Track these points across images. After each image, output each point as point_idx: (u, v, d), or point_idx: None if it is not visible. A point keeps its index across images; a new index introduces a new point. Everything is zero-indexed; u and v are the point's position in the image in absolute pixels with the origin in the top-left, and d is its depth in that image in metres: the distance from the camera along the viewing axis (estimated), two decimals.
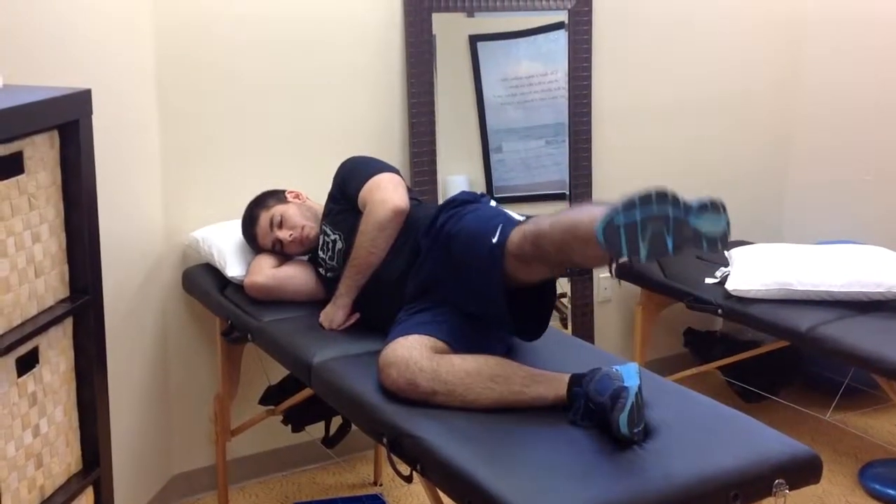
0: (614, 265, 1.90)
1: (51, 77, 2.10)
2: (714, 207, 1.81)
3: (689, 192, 4.13)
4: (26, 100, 1.72)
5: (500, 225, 2.14)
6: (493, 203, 2.42)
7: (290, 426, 3.01)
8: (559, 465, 1.83)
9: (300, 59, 3.08)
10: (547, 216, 2.06)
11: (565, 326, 3.65)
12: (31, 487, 1.80)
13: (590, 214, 1.88)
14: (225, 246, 2.82)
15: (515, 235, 2.08)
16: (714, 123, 3.96)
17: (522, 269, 2.10)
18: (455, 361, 2.07)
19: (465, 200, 2.41)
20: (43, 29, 2.26)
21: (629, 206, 1.74)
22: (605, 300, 3.81)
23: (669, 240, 1.73)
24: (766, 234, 3.96)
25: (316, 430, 3.06)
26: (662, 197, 1.76)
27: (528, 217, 2.17)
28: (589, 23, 3.54)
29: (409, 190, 2.61)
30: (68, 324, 1.89)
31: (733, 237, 3.84)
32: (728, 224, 1.84)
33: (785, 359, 3.57)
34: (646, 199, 1.75)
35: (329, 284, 2.61)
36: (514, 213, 2.28)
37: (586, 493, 1.73)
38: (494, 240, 2.11)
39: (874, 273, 3.12)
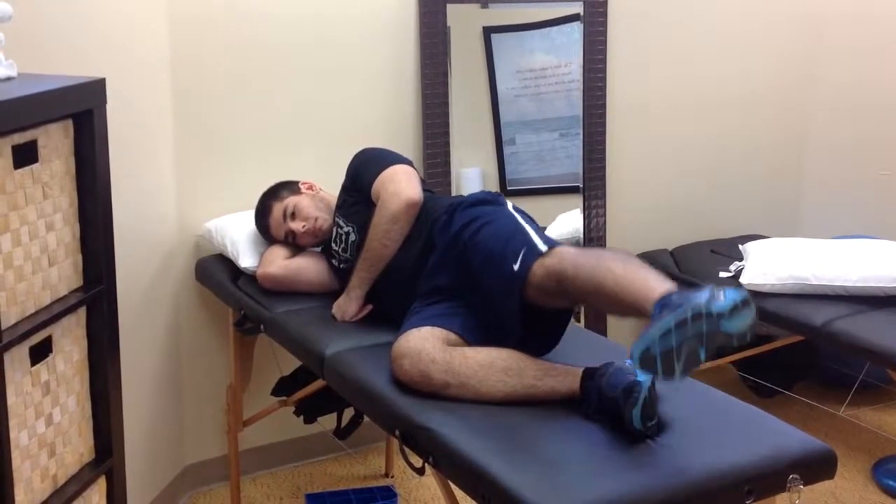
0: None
1: (65, 67, 2.11)
2: (745, 305, 1.76)
3: (706, 190, 4.13)
4: (41, 89, 1.72)
5: (522, 251, 2.10)
6: (510, 205, 2.39)
7: (302, 417, 3.01)
8: (572, 458, 1.82)
9: (315, 51, 3.08)
10: (569, 254, 2.03)
11: (578, 319, 3.64)
12: (44, 476, 1.80)
13: (614, 275, 1.89)
14: (238, 236, 2.82)
15: (538, 269, 2.06)
16: (730, 118, 3.94)
17: (542, 298, 2.09)
18: (468, 354, 2.07)
19: (481, 200, 2.39)
20: (58, 19, 2.26)
21: (665, 333, 1.69)
22: None
23: (702, 352, 1.70)
24: (782, 230, 3.94)
25: (328, 422, 3.06)
26: (698, 316, 1.71)
27: (549, 244, 2.12)
28: (604, 15, 3.52)
29: (423, 182, 2.60)
30: (82, 313, 1.89)
31: (749, 231, 3.88)
32: (756, 315, 1.79)
33: (799, 354, 3.55)
34: (682, 324, 1.70)
35: (342, 276, 2.61)
36: (531, 230, 2.20)
37: (599, 487, 1.72)
38: (516, 267, 2.09)
39: (890, 268, 3.11)
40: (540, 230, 2.25)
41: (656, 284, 1.86)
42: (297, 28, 3.04)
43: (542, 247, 2.11)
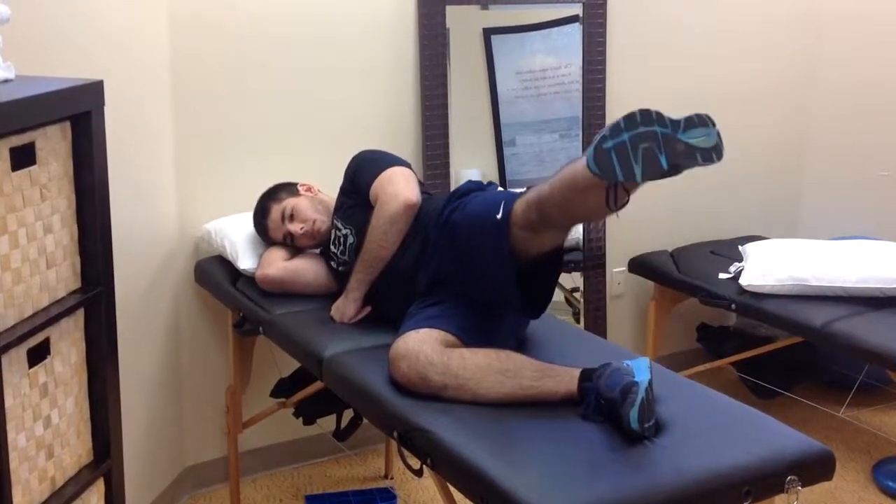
0: (614, 201, 1.90)
1: (65, 68, 2.10)
2: (701, 121, 1.85)
3: (705, 191, 4.13)
4: (39, 91, 1.72)
5: (503, 202, 2.15)
6: (499, 190, 2.42)
7: (301, 419, 3.01)
8: (569, 459, 1.82)
9: (314, 52, 3.08)
10: (545, 181, 2.08)
11: (578, 321, 3.64)
12: (42, 478, 1.80)
13: (583, 162, 1.91)
14: (237, 238, 2.82)
15: (519, 207, 2.11)
16: (730, 119, 3.87)
17: (532, 238, 2.12)
18: (466, 355, 2.07)
19: (469, 189, 2.41)
20: (56, 20, 2.26)
21: (615, 129, 1.77)
22: (618, 295, 3.80)
23: (662, 157, 1.76)
24: (781, 231, 3.95)
25: (327, 423, 3.06)
26: (647, 115, 1.79)
27: (528, 188, 2.17)
28: (604, 16, 3.53)
29: (421, 184, 2.60)
30: (80, 315, 1.89)
31: (749, 232, 3.88)
32: (719, 135, 1.86)
33: (799, 355, 3.55)
34: (631, 120, 1.78)
35: (340, 278, 2.61)
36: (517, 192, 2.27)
37: (596, 487, 1.72)
38: (499, 216, 2.13)
39: (889, 269, 3.11)
40: None
41: None
42: (296, 29, 3.04)
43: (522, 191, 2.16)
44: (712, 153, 1.83)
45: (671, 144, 1.78)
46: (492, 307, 2.26)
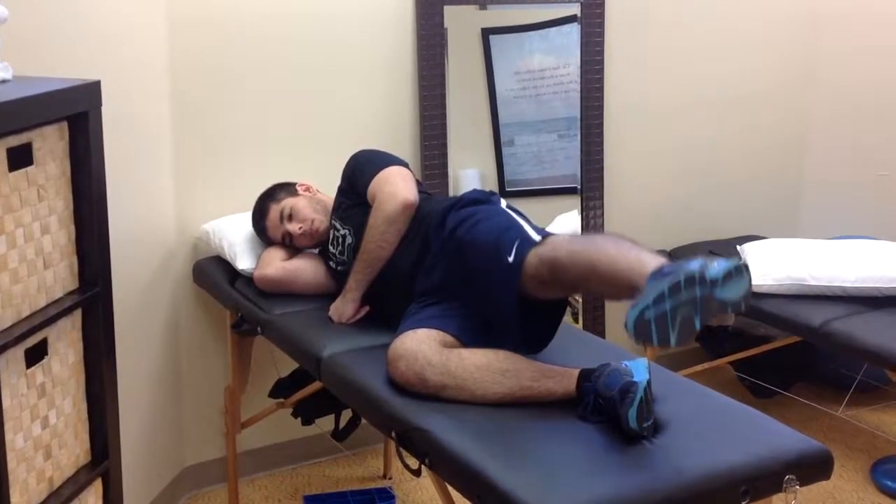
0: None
1: (63, 69, 2.10)
2: (738, 273, 1.79)
3: (704, 191, 4.12)
4: (36, 91, 1.71)
5: (516, 243, 2.12)
6: (503, 203, 2.40)
7: (300, 419, 3.01)
8: (568, 459, 1.82)
9: (312, 52, 3.08)
10: (562, 241, 2.07)
11: (576, 321, 3.64)
12: (40, 479, 1.80)
13: (607, 255, 1.91)
14: (235, 238, 2.82)
15: (532, 259, 2.07)
16: (729, 119, 3.93)
17: (539, 288, 2.10)
18: (464, 355, 2.07)
19: (474, 200, 2.40)
20: (54, 20, 2.26)
21: (659, 298, 1.70)
22: None
23: (697, 319, 1.72)
24: (781, 231, 3.94)
25: (326, 423, 3.06)
26: (691, 280, 1.72)
27: (542, 235, 2.16)
28: (602, 16, 3.52)
29: (419, 183, 2.60)
30: (77, 315, 1.89)
31: (748, 232, 3.88)
32: (750, 282, 1.82)
33: (797, 354, 3.55)
34: (675, 289, 1.71)
35: (339, 278, 2.61)
36: (526, 224, 2.25)
37: (595, 487, 1.72)
38: (510, 259, 2.10)
39: (888, 268, 3.11)
40: (533, 224, 2.27)
41: (650, 260, 1.86)
42: (294, 29, 3.04)
43: (536, 237, 2.15)
44: (741, 304, 1.80)
45: (707, 305, 1.74)
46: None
